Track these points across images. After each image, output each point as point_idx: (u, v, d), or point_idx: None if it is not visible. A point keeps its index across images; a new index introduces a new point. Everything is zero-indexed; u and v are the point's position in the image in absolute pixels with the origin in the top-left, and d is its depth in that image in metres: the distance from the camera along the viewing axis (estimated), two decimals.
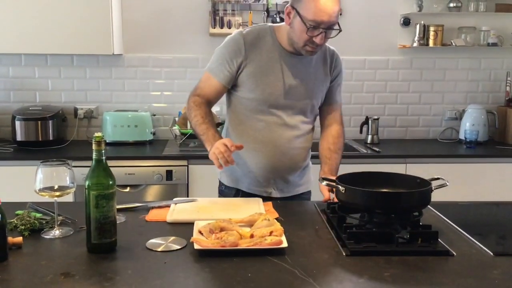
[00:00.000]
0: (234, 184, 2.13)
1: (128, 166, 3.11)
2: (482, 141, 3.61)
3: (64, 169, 1.54)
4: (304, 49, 1.91)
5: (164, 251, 1.44)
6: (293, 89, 2.00)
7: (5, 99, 3.61)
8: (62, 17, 3.21)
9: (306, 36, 1.85)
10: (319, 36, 1.85)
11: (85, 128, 3.67)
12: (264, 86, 1.98)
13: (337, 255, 1.44)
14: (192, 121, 1.99)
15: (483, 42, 3.74)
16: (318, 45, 1.88)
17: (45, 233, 1.56)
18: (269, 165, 2.04)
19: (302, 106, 2.05)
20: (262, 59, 1.98)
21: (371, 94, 3.81)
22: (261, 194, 2.07)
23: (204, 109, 1.99)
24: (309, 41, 1.87)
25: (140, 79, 3.67)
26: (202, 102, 2.00)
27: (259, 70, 1.98)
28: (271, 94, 1.98)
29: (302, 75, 2.01)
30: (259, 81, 1.98)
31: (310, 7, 1.81)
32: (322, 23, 1.82)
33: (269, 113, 2.01)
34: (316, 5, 1.80)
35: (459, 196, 3.17)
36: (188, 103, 2.03)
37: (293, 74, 2.00)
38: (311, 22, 1.82)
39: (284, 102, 2.00)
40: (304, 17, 1.82)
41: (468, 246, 1.52)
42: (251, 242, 1.44)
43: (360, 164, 3.19)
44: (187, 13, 3.63)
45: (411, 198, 1.59)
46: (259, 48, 1.98)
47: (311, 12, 1.81)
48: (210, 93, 2.02)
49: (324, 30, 1.84)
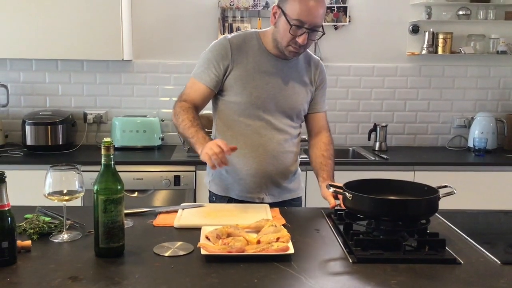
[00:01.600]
0: (224, 192, 2.09)
1: (136, 171, 3.13)
2: (491, 149, 3.59)
3: (73, 173, 1.55)
4: (287, 49, 1.93)
5: (171, 256, 1.44)
6: (280, 93, 2.01)
7: (16, 103, 3.65)
8: (73, 23, 3.25)
9: (289, 35, 1.88)
10: (302, 36, 1.88)
11: (94, 133, 3.70)
12: (251, 90, 1.98)
13: (344, 262, 1.44)
14: (180, 125, 1.95)
15: (492, 50, 3.73)
16: (301, 45, 1.91)
17: (54, 237, 1.57)
18: (260, 170, 2.02)
19: (289, 110, 2.05)
20: (249, 63, 1.99)
21: (380, 101, 3.81)
22: (253, 200, 2.05)
23: (192, 113, 1.96)
24: (292, 41, 1.90)
25: (149, 84, 3.70)
26: (189, 107, 1.98)
27: (245, 73, 1.98)
28: (258, 98, 1.98)
29: (288, 79, 2.03)
30: (246, 85, 1.98)
31: (295, 7, 1.85)
32: (305, 23, 1.86)
33: (257, 117, 2.00)
34: (301, 5, 1.84)
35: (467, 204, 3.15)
36: (175, 109, 2.00)
37: (279, 78, 2.01)
38: (295, 21, 1.85)
39: (271, 105, 2.01)
40: (289, 16, 1.86)
41: (476, 255, 1.51)
42: (257, 248, 1.45)
43: (368, 171, 3.19)
44: (197, 19, 3.65)
45: (419, 205, 1.58)
46: (245, 52, 1.99)
47: (296, 11, 1.85)
48: (196, 98, 2.01)
49: (307, 30, 1.87)
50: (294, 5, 1.86)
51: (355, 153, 3.67)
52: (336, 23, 3.65)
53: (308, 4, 1.85)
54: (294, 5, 1.86)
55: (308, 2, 1.85)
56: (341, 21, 3.65)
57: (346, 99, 3.77)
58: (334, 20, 3.65)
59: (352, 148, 3.74)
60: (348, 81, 3.76)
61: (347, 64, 3.73)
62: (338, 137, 3.79)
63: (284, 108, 2.03)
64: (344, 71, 3.73)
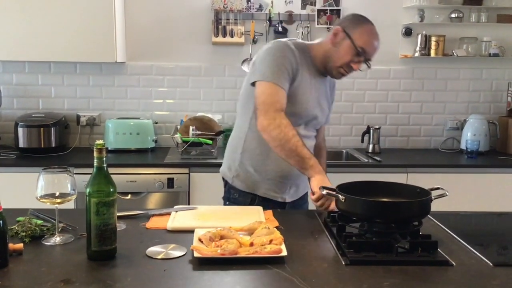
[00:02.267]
0: (250, 189, 2.13)
1: (129, 174, 3.12)
2: (484, 151, 3.61)
3: (65, 176, 1.55)
4: (337, 70, 2.06)
5: (164, 259, 1.44)
6: (318, 107, 2.13)
7: (9, 106, 3.63)
8: (66, 25, 3.24)
9: (348, 58, 2.01)
10: (357, 64, 2.02)
11: (87, 135, 3.69)
12: (302, 101, 2.05)
13: (337, 264, 1.44)
14: (291, 140, 1.90)
15: (485, 53, 3.75)
16: (351, 70, 2.05)
17: (46, 239, 1.56)
18: (289, 173, 2.09)
19: (317, 123, 2.18)
20: (304, 74, 2.05)
21: (373, 103, 3.82)
22: (276, 199, 2.12)
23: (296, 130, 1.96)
24: (347, 64, 2.03)
25: (142, 87, 3.69)
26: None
27: (301, 84, 2.04)
28: (305, 110, 2.07)
29: (322, 96, 2.15)
30: (299, 96, 2.03)
31: (363, 36, 2.01)
32: (367, 53, 2.01)
33: (296, 124, 2.03)
34: (369, 37, 2.02)
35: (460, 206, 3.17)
36: (277, 120, 1.92)
37: (319, 93, 2.13)
38: (360, 49, 1.99)
39: (309, 117, 2.10)
40: (355, 42, 1.99)
41: (468, 256, 1.51)
42: (250, 251, 1.44)
43: (361, 173, 3.20)
44: (190, 22, 3.65)
45: (411, 207, 1.59)
46: (302, 64, 2.05)
47: (363, 40, 2.00)
48: (284, 104, 1.97)
49: (364, 60, 2.02)
50: (363, 35, 2.01)
51: (348, 155, 3.68)
52: (329, 26, 3.67)
53: (374, 39, 2.03)
54: (363, 35, 2.01)
55: (374, 37, 2.03)
56: (334, 24, 3.66)
57: (339, 101, 3.77)
58: (328, 23, 3.66)
59: (345, 150, 3.75)
60: (341, 83, 3.71)
61: None
62: (332, 139, 3.80)
63: (317, 121, 2.16)
64: None
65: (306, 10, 3.68)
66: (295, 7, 3.67)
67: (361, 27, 2.02)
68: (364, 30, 2.02)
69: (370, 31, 2.02)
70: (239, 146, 2.14)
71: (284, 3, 3.67)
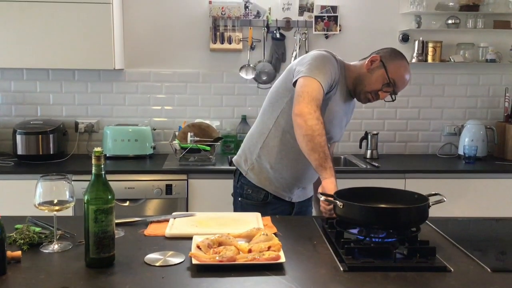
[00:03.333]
0: (262, 185, 2.20)
1: (128, 180, 3.12)
2: (481, 157, 3.62)
3: (63, 183, 1.55)
4: (365, 95, 2.14)
5: (162, 266, 1.44)
6: (340, 124, 2.22)
7: (7, 113, 3.63)
8: (64, 32, 3.25)
9: (379, 86, 2.10)
10: (385, 94, 2.11)
11: (85, 142, 3.69)
12: (330, 113, 2.11)
13: (335, 271, 1.44)
14: (318, 136, 1.91)
15: (482, 58, 3.77)
16: (377, 98, 2.14)
17: (44, 247, 1.56)
18: (302, 176, 2.19)
19: (335, 138, 2.27)
20: (338, 89, 2.12)
21: (371, 109, 3.83)
22: (284, 198, 2.22)
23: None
24: (375, 92, 2.11)
25: (141, 93, 3.70)
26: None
27: (334, 97, 2.11)
28: (330, 122, 2.12)
29: (344, 113, 2.23)
30: (330, 107, 2.11)
31: (398, 69, 2.09)
32: (396, 86, 2.10)
33: None
34: (402, 71, 2.10)
35: (458, 212, 3.18)
36: (317, 113, 1.93)
37: (343, 110, 2.21)
38: (392, 80, 2.08)
39: (331, 130, 2.16)
40: (390, 73, 2.08)
41: (466, 262, 1.52)
42: (249, 257, 1.44)
43: (359, 179, 3.19)
44: (188, 28, 3.67)
45: (409, 213, 1.59)
46: (340, 79, 2.13)
47: (397, 74, 2.08)
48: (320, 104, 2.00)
49: (392, 90, 2.10)
50: (398, 69, 2.09)
51: (346, 161, 3.69)
52: (327, 32, 3.68)
53: (406, 74, 2.11)
54: (398, 69, 2.09)
55: (407, 73, 2.11)
56: (331, 30, 3.68)
57: None
58: (325, 29, 3.67)
59: (343, 156, 3.75)
60: None
61: None
62: None
63: (334, 136, 2.23)
64: None
65: (303, 16, 3.69)
66: (292, 13, 3.69)
67: (398, 62, 2.11)
68: (400, 64, 2.10)
69: (405, 67, 2.11)
70: (260, 141, 2.21)
71: (282, 10, 3.68)
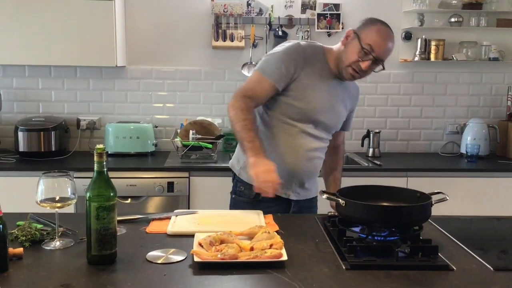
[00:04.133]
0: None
1: (129, 178, 3.12)
2: (484, 155, 3.61)
3: (65, 180, 1.55)
4: (346, 70, 2.05)
5: (164, 263, 1.44)
6: (330, 109, 2.14)
7: (9, 110, 3.63)
8: (66, 29, 3.25)
9: (356, 57, 2.00)
10: (366, 62, 2.00)
11: (87, 139, 3.69)
12: (309, 99, 2.07)
13: (337, 269, 1.44)
14: (239, 123, 1.96)
15: (484, 57, 3.76)
16: (361, 70, 2.03)
17: (46, 244, 1.56)
18: (293, 169, 2.12)
19: (330, 126, 2.18)
20: (314, 75, 2.08)
21: (373, 107, 3.82)
22: (280, 195, 2.13)
23: (254, 115, 2.01)
24: (355, 64, 2.02)
25: (142, 91, 3.69)
26: (252, 107, 2.02)
27: (309, 83, 2.07)
28: (313, 109, 2.08)
29: (339, 98, 2.17)
30: (306, 93, 2.07)
31: (372, 35, 2.00)
32: (374, 52, 1.99)
33: (304, 123, 2.10)
34: (377, 35, 2.00)
35: (460, 210, 3.17)
36: (238, 102, 2.00)
37: (333, 96, 2.14)
38: (367, 46, 1.98)
39: (319, 118, 2.11)
40: (363, 40, 1.99)
41: (468, 261, 1.51)
42: (251, 255, 1.44)
43: (361, 177, 3.19)
44: (190, 26, 3.66)
45: (411, 212, 1.59)
46: (313, 64, 2.08)
47: (371, 38, 1.99)
48: (261, 94, 2.04)
49: (372, 58, 2.00)
50: (371, 32, 2.00)
51: (348, 159, 3.68)
52: (329, 30, 3.67)
53: (384, 38, 2.00)
54: (371, 32, 2.00)
55: (384, 36, 2.00)
56: (334, 28, 3.67)
57: None
58: (327, 27, 3.67)
59: (345, 154, 3.74)
60: None
61: None
62: None
63: (327, 123, 2.16)
64: None
65: (306, 14, 3.69)
66: (295, 11, 3.68)
67: (371, 27, 2.03)
68: (373, 29, 2.02)
69: (379, 30, 2.02)
70: None
71: (284, 8, 3.67)
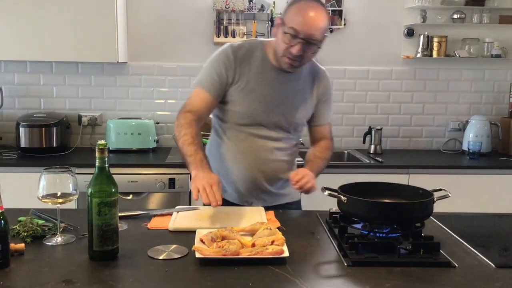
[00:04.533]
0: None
1: (131, 174, 3.12)
2: (486, 152, 3.61)
3: (67, 176, 1.55)
4: (283, 60, 1.91)
5: (166, 259, 1.44)
6: (278, 106, 2.01)
7: (10, 105, 3.63)
8: (68, 25, 3.24)
9: (284, 44, 1.87)
10: (295, 46, 1.85)
11: (88, 135, 3.69)
12: (249, 102, 1.98)
13: (339, 265, 1.44)
14: (181, 139, 1.90)
15: (487, 54, 3.75)
16: (296, 56, 1.87)
17: (47, 240, 1.56)
18: (249, 175, 2.03)
19: (285, 123, 2.04)
20: (251, 74, 1.98)
21: (375, 104, 3.82)
22: (242, 203, 2.06)
23: (195, 129, 1.92)
24: (287, 50, 1.87)
25: (144, 87, 3.69)
26: (193, 120, 1.94)
27: (247, 85, 1.97)
28: (256, 110, 1.99)
29: (288, 92, 2.02)
30: (246, 96, 1.98)
31: (294, 16, 1.85)
32: (300, 33, 1.83)
33: (253, 126, 2.01)
34: (299, 15, 1.84)
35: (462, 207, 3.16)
36: (178, 120, 1.96)
37: (279, 91, 2.00)
38: (290, 30, 1.84)
39: (267, 118, 2.00)
40: (286, 25, 1.85)
41: (470, 258, 1.51)
42: (252, 251, 1.44)
43: (363, 174, 3.19)
44: (192, 22, 3.65)
45: (413, 208, 1.59)
46: (248, 63, 1.98)
47: (293, 20, 1.84)
48: (201, 107, 1.97)
49: (301, 41, 1.84)
50: (292, 14, 1.86)
51: (350, 156, 3.68)
52: (331, 26, 3.66)
53: (306, 14, 1.84)
54: (292, 14, 1.86)
55: (306, 13, 1.84)
56: (336, 24, 3.66)
57: (341, 102, 3.77)
58: (329, 23, 3.65)
59: (347, 151, 3.74)
60: (343, 84, 3.77)
61: (342, 67, 3.74)
62: (334, 140, 3.79)
63: (280, 121, 2.02)
64: (339, 74, 3.73)
65: None
66: None
67: (292, 8, 1.88)
68: (294, 9, 1.87)
69: (299, 9, 1.85)
70: (207, 149, 2.13)
71: (286, 4, 3.65)
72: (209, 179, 1.74)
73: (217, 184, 1.73)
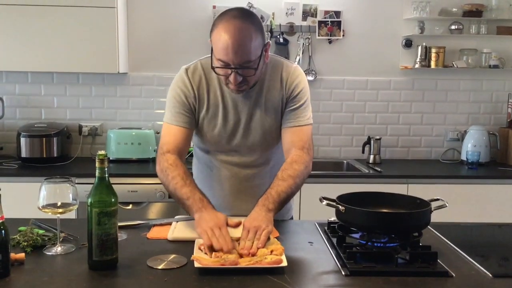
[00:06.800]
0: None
1: (131, 184, 3.13)
2: (484, 162, 3.62)
3: (67, 186, 1.56)
4: (228, 87, 1.77)
5: (165, 269, 1.44)
6: (242, 128, 1.87)
7: (11, 116, 3.65)
8: (69, 36, 3.27)
9: (221, 76, 1.74)
10: (231, 75, 1.69)
11: (89, 145, 3.70)
12: (212, 128, 1.87)
13: (337, 275, 1.44)
14: (170, 184, 1.77)
15: (485, 64, 3.77)
16: (238, 83, 1.70)
17: (47, 249, 1.57)
18: (229, 202, 1.96)
19: (253, 145, 1.89)
20: (210, 98, 1.85)
21: (373, 114, 3.83)
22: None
23: (181, 168, 1.78)
24: (227, 80, 1.73)
25: (144, 97, 3.71)
26: (176, 159, 1.81)
27: (207, 110, 1.86)
28: (219, 136, 1.87)
29: (249, 110, 1.85)
30: (207, 123, 1.87)
31: (216, 44, 1.68)
32: (228, 63, 1.67)
33: (221, 153, 1.92)
34: (219, 41, 1.65)
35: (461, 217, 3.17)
36: (160, 164, 1.82)
37: (240, 113, 1.85)
38: (218, 62, 1.70)
39: (231, 143, 1.89)
40: (214, 55, 1.70)
41: (468, 268, 1.51)
42: (251, 261, 1.45)
43: (362, 184, 3.20)
44: (192, 32, 3.68)
45: (411, 218, 1.59)
46: (205, 87, 1.85)
47: (216, 50, 1.68)
48: (177, 143, 1.85)
49: (233, 69, 1.67)
50: (215, 42, 1.68)
51: (349, 165, 3.69)
52: (330, 37, 3.69)
53: (226, 41, 1.63)
54: (215, 42, 1.68)
55: (225, 39, 1.64)
56: (335, 35, 3.69)
57: (340, 112, 3.79)
58: (328, 34, 3.68)
59: (346, 161, 3.76)
60: (342, 94, 3.79)
61: (341, 78, 3.76)
62: (332, 150, 3.82)
63: (247, 144, 1.89)
64: (338, 84, 3.76)
65: (307, 21, 3.70)
66: (296, 18, 3.70)
67: (213, 33, 1.69)
68: (216, 34, 1.67)
69: (219, 33, 1.65)
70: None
71: (285, 15, 3.69)
72: (216, 220, 1.62)
73: (225, 225, 1.62)
